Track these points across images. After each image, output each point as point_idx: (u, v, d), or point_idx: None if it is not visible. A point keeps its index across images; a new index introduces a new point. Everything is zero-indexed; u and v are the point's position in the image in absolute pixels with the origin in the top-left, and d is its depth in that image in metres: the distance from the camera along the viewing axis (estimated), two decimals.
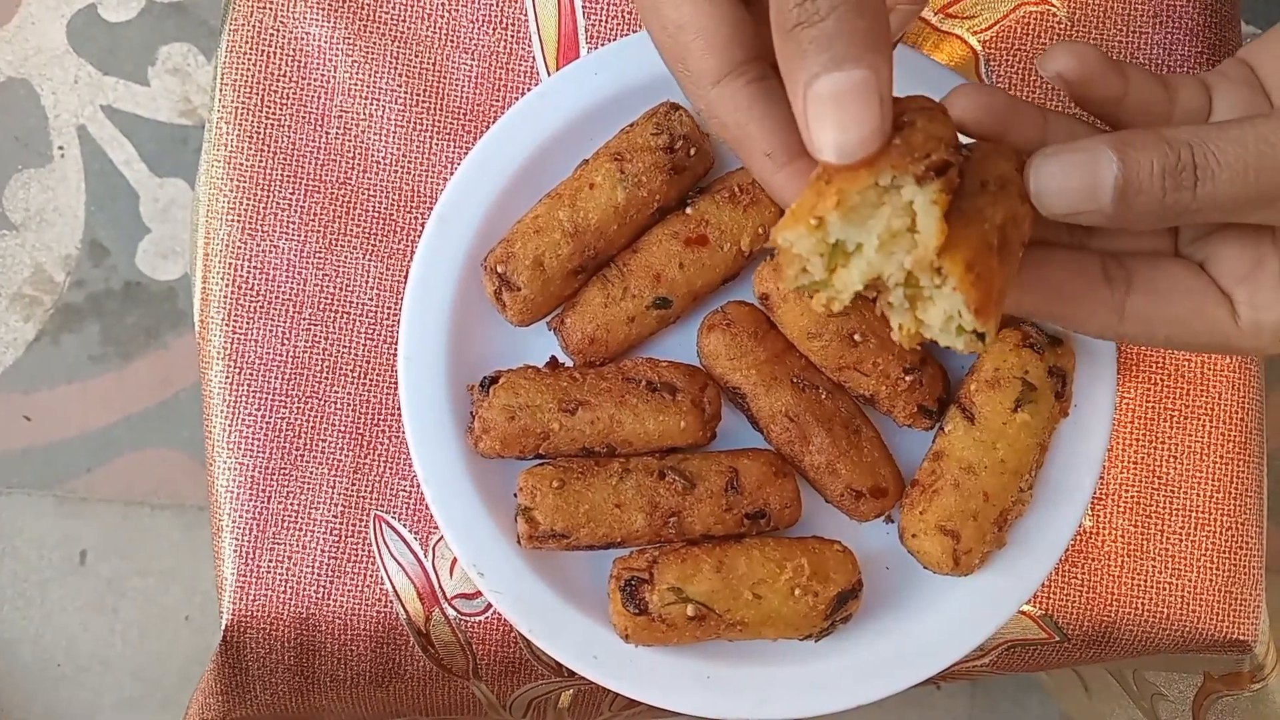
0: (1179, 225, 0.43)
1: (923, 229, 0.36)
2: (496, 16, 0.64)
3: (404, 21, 0.64)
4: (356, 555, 0.62)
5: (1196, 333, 0.43)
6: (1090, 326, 0.44)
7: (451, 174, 0.61)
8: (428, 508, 0.61)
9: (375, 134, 0.64)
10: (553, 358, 0.59)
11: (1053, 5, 0.65)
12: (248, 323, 0.63)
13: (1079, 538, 0.63)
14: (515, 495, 0.56)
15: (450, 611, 0.62)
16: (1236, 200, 0.39)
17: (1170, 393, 0.64)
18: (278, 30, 0.64)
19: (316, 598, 0.62)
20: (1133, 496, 0.63)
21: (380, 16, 0.64)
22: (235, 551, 0.62)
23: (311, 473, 0.63)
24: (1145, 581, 0.63)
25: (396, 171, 0.64)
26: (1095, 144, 0.39)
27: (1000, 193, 0.40)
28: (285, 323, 0.63)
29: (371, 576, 0.62)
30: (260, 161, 0.64)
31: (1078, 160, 0.39)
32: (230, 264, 0.63)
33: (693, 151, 0.57)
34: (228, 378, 0.63)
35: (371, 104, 0.64)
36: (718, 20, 0.38)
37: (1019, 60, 0.64)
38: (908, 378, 0.56)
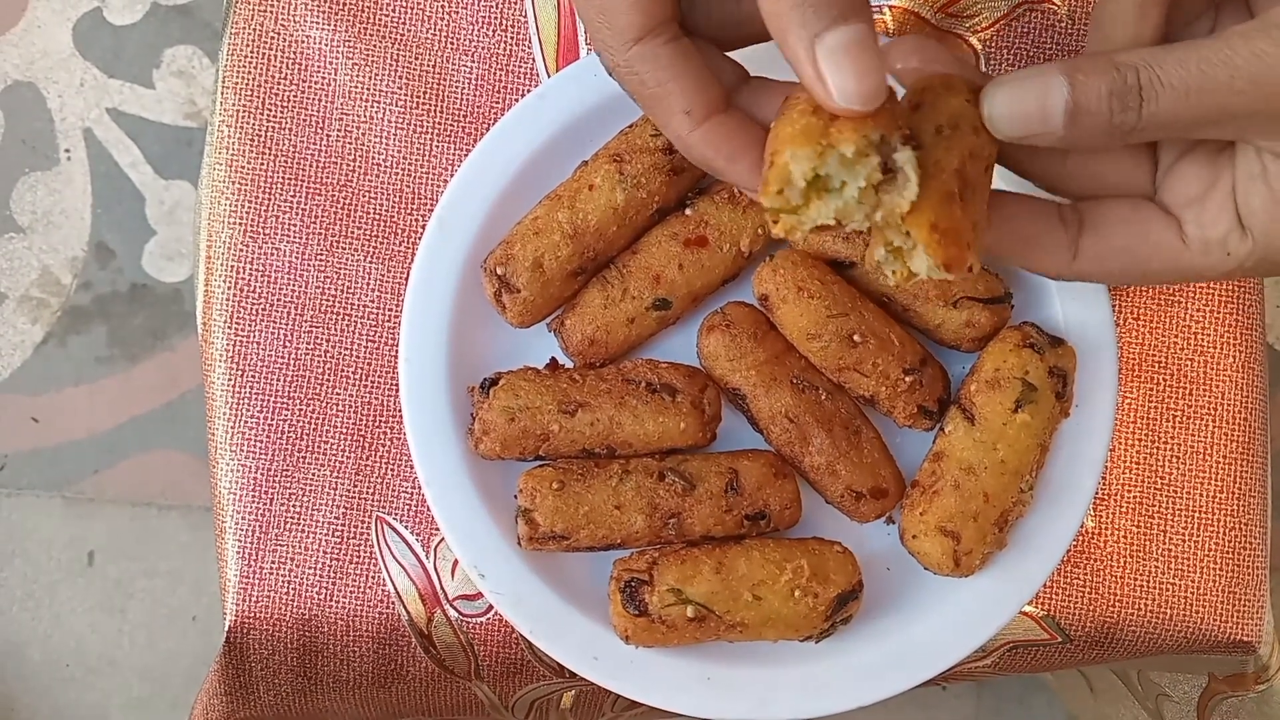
0: (1131, 143, 0.43)
1: (903, 185, 0.39)
2: (496, 18, 0.65)
3: (404, 24, 0.64)
4: (358, 557, 0.63)
5: (1147, 258, 0.44)
6: (1046, 265, 0.45)
7: (451, 176, 0.61)
8: (429, 509, 0.61)
9: (375, 136, 0.64)
10: (552, 359, 0.59)
11: (1053, 3, 0.64)
12: (249, 325, 0.63)
13: (1081, 538, 0.63)
14: (515, 497, 0.56)
15: (452, 613, 0.62)
16: (1179, 119, 0.40)
17: (1173, 393, 0.64)
18: (278, 34, 0.64)
19: (319, 599, 0.62)
20: (1135, 497, 0.63)
21: (380, 19, 0.64)
22: (238, 553, 0.62)
23: (313, 474, 0.63)
24: (1148, 582, 0.63)
25: (397, 174, 0.64)
26: (1047, 69, 0.41)
27: (954, 134, 0.42)
28: (287, 325, 0.63)
29: (373, 578, 0.62)
30: (261, 164, 0.64)
31: (1030, 86, 0.41)
32: (232, 267, 0.63)
33: None
34: (230, 380, 0.63)
35: (372, 106, 0.64)
36: None
37: (1019, 59, 0.64)
38: (907, 378, 0.56)
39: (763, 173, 0.40)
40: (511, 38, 0.64)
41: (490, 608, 0.62)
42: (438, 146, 0.64)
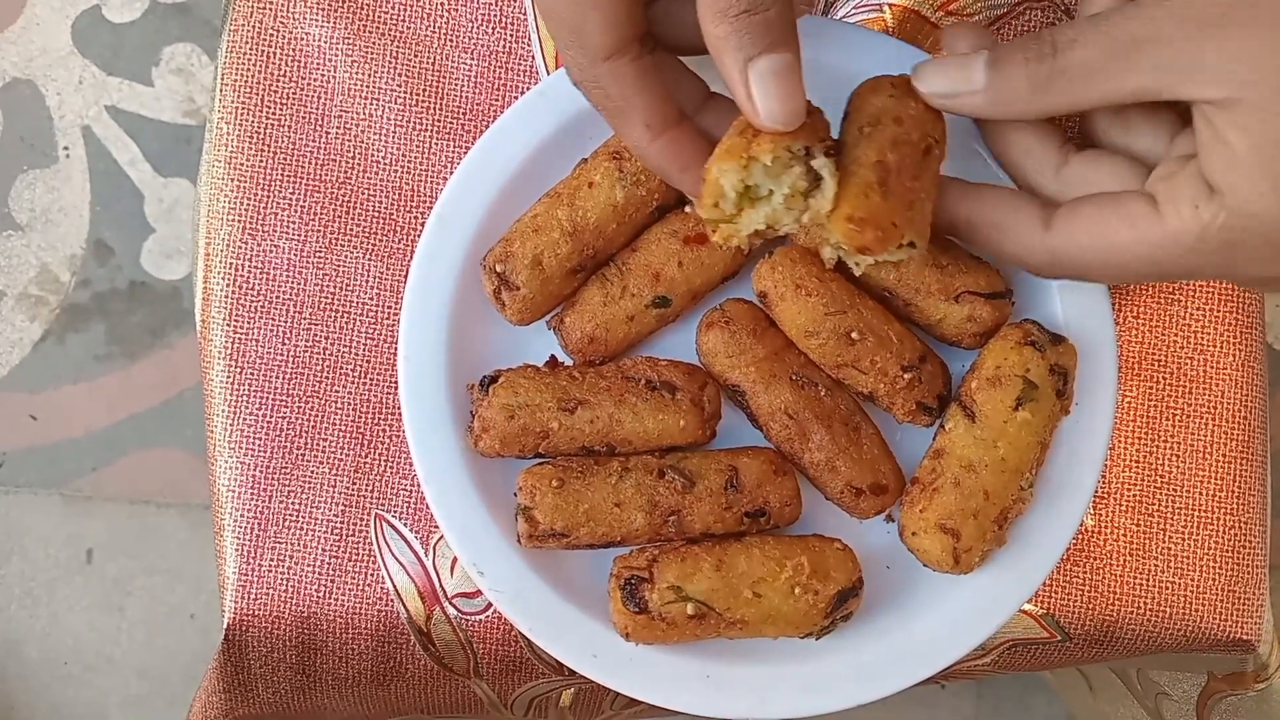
0: (1055, 104, 0.45)
1: (824, 188, 0.45)
2: (496, 16, 0.64)
3: (403, 21, 0.64)
4: (357, 554, 0.62)
5: (1117, 229, 0.45)
6: (1020, 243, 0.47)
7: (451, 173, 0.61)
8: (428, 507, 0.61)
9: (375, 134, 0.64)
10: (552, 356, 0.59)
11: (1054, 1, 0.64)
12: (248, 322, 0.63)
13: (1081, 537, 0.63)
14: (515, 494, 0.56)
15: (451, 610, 0.62)
16: (1092, 67, 0.43)
17: (1173, 392, 0.64)
18: (278, 31, 0.64)
19: (318, 596, 0.62)
20: (1135, 495, 0.63)
21: (380, 16, 0.64)
22: (237, 550, 0.62)
23: (312, 472, 0.63)
24: (1147, 581, 0.63)
25: (396, 171, 0.64)
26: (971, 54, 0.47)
27: (874, 129, 0.47)
28: (286, 322, 0.63)
29: (372, 575, 0.62)
30: (260, 161, 0.64)
31: (954, 59, 0.47)
32: (231, 264, 0.63)
33: None
34: (229, 377, 0.63)
35: (371, 104, 0.64)
36: (616, 1, 0.42)
37: None
38: (906, 375, 0.56)
39: (699, 190, 0.45)
40: (511, 35, 0.64)
41: (489, 605, 0.62)
42: (437, 144, 0.64)
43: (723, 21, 0.42)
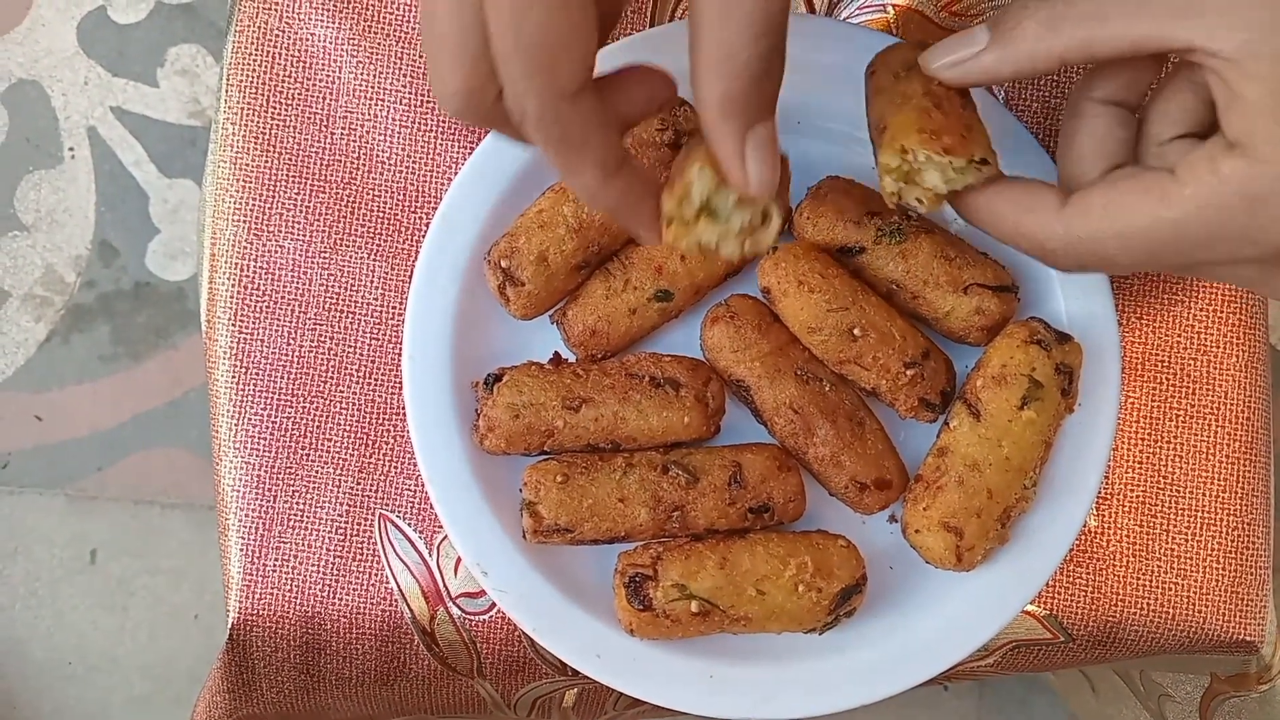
0: (1069, 48, 0.44)
1: (770, 227, 0.46)
2: None
3: (408, 22, 0.65)
4: (362, 554, 0.63)
5: (1135, 200, 0.43)
6: (1037, 222, 0.46)
7: (455, 173, 0.61)
8: (432, 507, 0.61)
9: (380, 134, 0.64)
10: (556, 354, 0.59)
11: None
12: (254, 323, 0.63)
13: (1084, 537, 0.63)
14: (520, 490, 0.57)
15: (455, 610, 0.62)
16: (1102, 3, 0.42)
17: (1176, 392, 0.64)
18: (283, 32, 0.64)
19: (322, 597, 0.62)
20: (1138, 496, 0.63)
21: (384, 17, 0.65)
22: (242, 550, 0.62)
23: (317, 472, 0.63)
24: (1150, 582, 0.63)
25: (401, 171, 0.64)
26: None
27: (909, 73, 0.49)
28: (291, 322, 0.63)
29: (377, 576, 0.62)
30: (266, 162, 0.64)
31: (954, 35, 0.47)
32: (236, 264, 0.64)
33: None
34: (234, 378, 0.63)
35: (376, 104, 0.64)
36: (588, 36, 0.40)
37: None
38: (908, 371, 0.56)
39: (671, 181, 0.45)
40: None
41: (493, 605, 0.62)
42: (441, 144, 0.64)
43: (737, 79, 0.41)
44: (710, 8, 0.40)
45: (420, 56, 0.65)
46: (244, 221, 0.64)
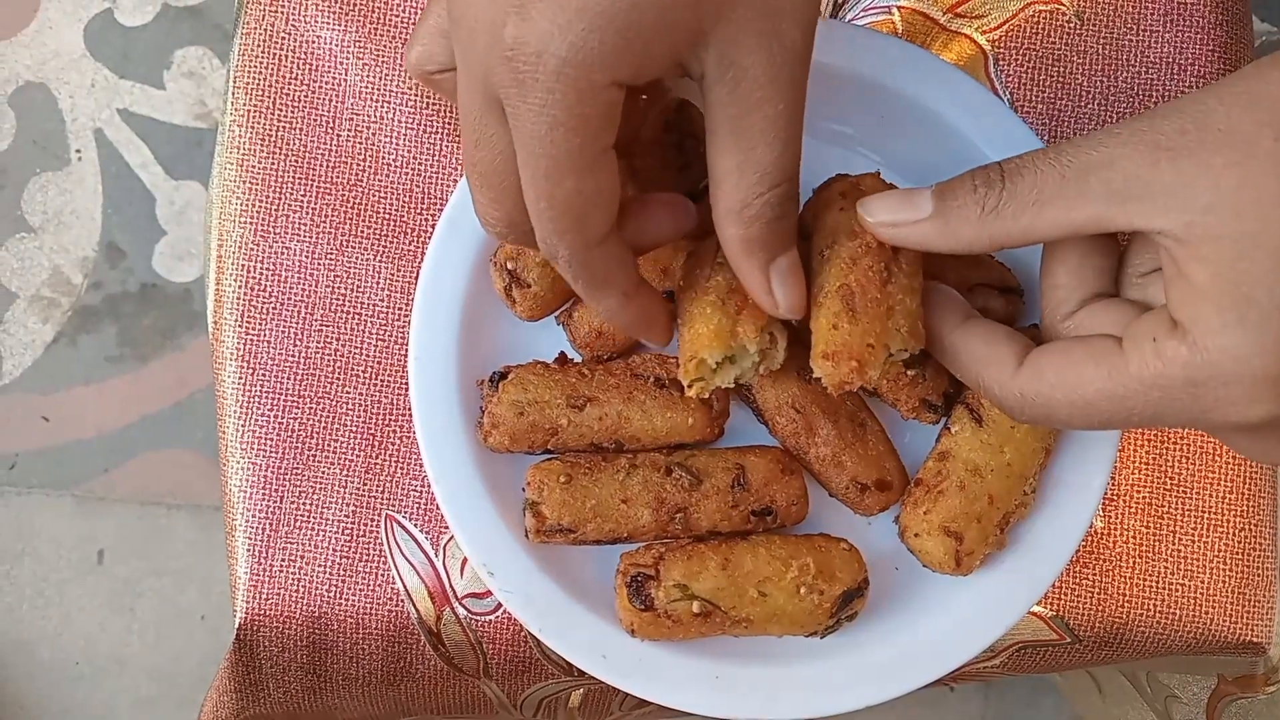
0: (1005, 234, 0.44)
1: (778, 348, 0.50)
2: None
3: (414, 24, 0.65)
4: (368, 555, 0.63)
5: (1081, 366, 0.43)
6: (993, 375, 0.46)
7: (461, 175, 0.61)
8: (438, 508, 0.61)
9: (386, 136, 0.64)
10: (562, 353, 0.59)
11: (1062, 4, 0.64)
12: (260, 324, 0.63)
13: (1090, 539, 0.63)
14: (524, 490, 0.57)
15: (461, 611, 0.63)
16: (1044, 193, 0.42)
17: None
18: (289, 34, 0.65)
19: (329, 597, 0.62)
20: (1144, 497, 0.63)
21: (391, 20, 0.65)
22: (248, 551, 0.63)
23: (324, 473, 0.63)
24: (1157, 583, 0.63)
25: (407, 173, 0.64)
26: None
27: (831, 250, 0.49)
28: (297, 324, 0.64)
29: (383, 576, 0.63)
30: (272, 164, 0.64)
31: (899, 191, 0.47)
32: (243, 266, 0.64)
33: (701, 148, 0.57)
34: (240, 378, 0.63)
35: (382, 106, 0.64)
36: (613, 191, 0.42)
37: (1028, 59, 0.64)
38: (909, 372, 0.56)
39: (681, 347, 0.50)
40: None
41: (499, 606, 0.62)
42: (448, 146, 0.64)
43: (754, 224, 0.43)
44: (727, 158, 0.42)
45: None
46: (250, 223, 0.64)
